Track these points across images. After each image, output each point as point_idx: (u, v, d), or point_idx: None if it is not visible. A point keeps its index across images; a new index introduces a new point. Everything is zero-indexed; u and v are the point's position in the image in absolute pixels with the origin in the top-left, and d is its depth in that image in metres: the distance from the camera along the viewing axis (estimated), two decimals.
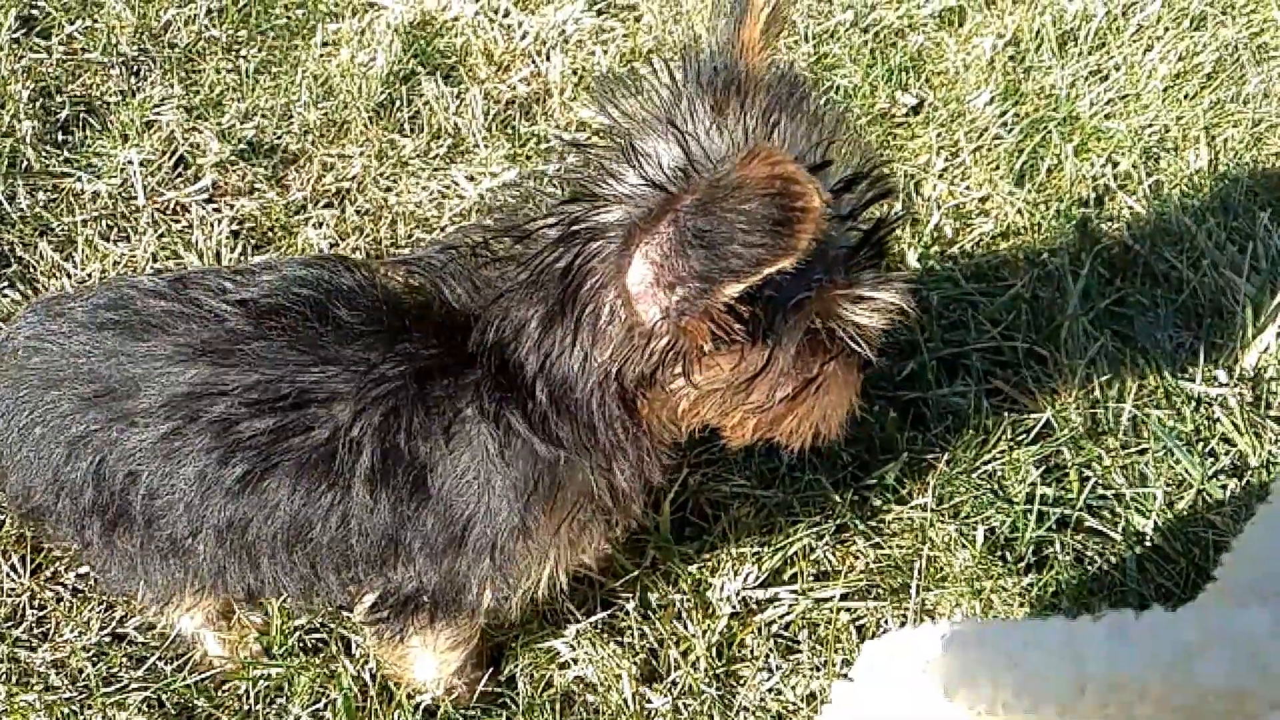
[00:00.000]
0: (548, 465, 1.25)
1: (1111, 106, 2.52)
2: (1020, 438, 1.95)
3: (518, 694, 1.63)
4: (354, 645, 1.69)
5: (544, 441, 1.22)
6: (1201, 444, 1.97)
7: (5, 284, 2.10)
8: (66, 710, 1.61)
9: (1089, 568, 1.81)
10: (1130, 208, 2.36)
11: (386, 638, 1.47)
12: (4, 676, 1.64)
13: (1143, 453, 1.94)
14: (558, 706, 1.63)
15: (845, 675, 1.10)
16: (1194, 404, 2.03)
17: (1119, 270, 2.28)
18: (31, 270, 2.13)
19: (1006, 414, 2.00)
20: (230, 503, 1.27)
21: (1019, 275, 2.23)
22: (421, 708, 1.60)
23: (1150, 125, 2.48)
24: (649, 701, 1.64)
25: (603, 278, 1.08)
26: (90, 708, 1.61)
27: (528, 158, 2.37)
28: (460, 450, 1.26)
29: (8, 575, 1.75)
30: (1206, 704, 0.93)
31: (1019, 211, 2.34)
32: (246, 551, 1.31)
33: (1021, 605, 1.74)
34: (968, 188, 2.40)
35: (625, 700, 1.63)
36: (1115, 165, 2.42)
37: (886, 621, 1.71)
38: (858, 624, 1.73)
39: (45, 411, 1.30)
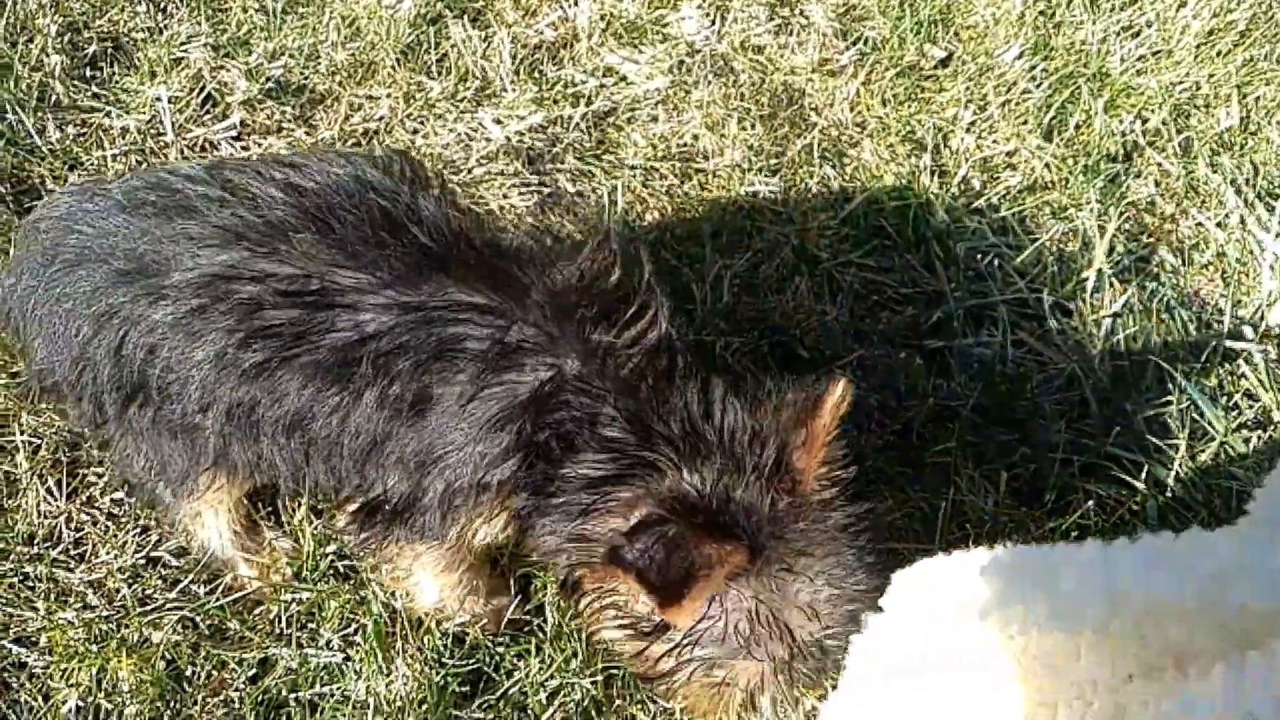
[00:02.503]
0: (523, 470, 1.33)
1: (1143, 63, 2.51)
2: (1045, 387, 1.96)
3: (545, 623, 1.65)
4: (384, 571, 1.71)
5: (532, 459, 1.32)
6: (1225, 398, 1.98)
7: None
8: (104, 629, 1.64)
9: (1111, 515, 1.83)
10: (1159, 165, 2.35)
11: (369, 550, 1.51)
12: (43, 595, 1.67)
13: (1166, 405, 1.95)
14: (584, 636, 1.66)
15: (877, 608, 1.12)
16: (1219, 359, 2.03)
17: (1146, 227, 2.28)
18: None
19: (1032, 365, 2.01)
20: (243, 385, 1.32)
21: (1045, 229, 2.23)
22: (450, 635, 1.63)
23: (1181, 82, 2.47)
24: None
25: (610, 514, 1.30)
26: (126, 626, 1.64)
27: (555, 102, 2.37)
28: (471, 410, 1.31)
29: (45, 498, 1.77)
30: (1241, 623, 0.95)
31: (1046, 166, 2.34)
32: (250, 430, 1.36)
33: None
34: (995, 141, 2.39)
35: None
36: (1145, 122, 2.41)
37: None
38: None
39: (75, 287, 1.33)
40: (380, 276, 1.31)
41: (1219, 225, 2.26)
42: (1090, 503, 1.79)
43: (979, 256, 2.17)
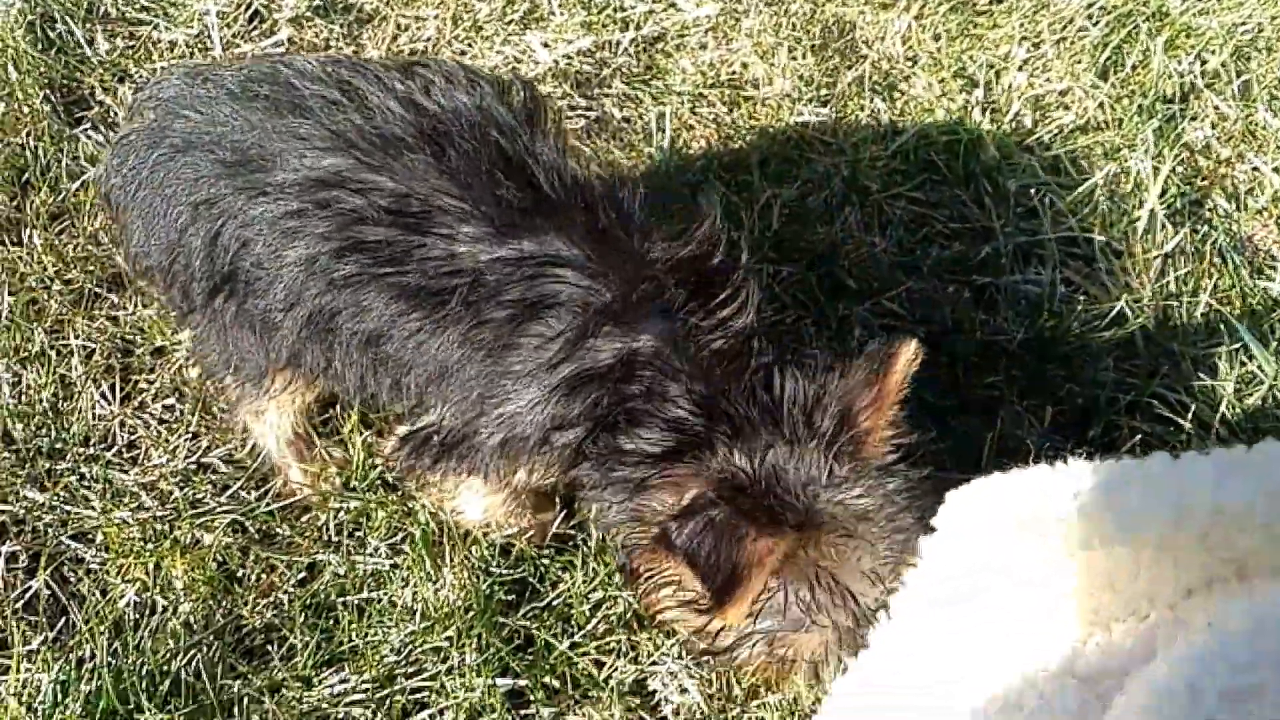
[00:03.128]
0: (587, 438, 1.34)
1: (1204, 2, 2.45)
2: (1094, 324, 1.95)
3: (589, 537, 1.67)
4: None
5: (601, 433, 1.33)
6: (1277, 343, 1.96)
7: (87, 126, 2.11)
8: (157, 529, 1.67)
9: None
10: (1216, 108, 2.31)
11: (415, 475, 1.53)
12: (99, 495, 1.70)
13: (1215, 347, 1.94)
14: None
15: (929, 528, 1.13)
16: (1271, 304, 2.01)
17: (1200, 170, 2.24)
18: (112, 114, 2.14)
19: (1079, 303, 2.00)
20: (328, 293, 1.32)
21: (1097, 169, 2.20)
22: (497, 546, 1.65)
23: (1243, 23, 2.41)
24: None
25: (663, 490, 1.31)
26: (179, 528, 1.67)
27: (603, 26, 2.34)
28: (548, 371, 1.31)
29: (98, 402, 1.80)
30: None
31: (1100, 106, 2.30)
32: (325, 338, 1.36)
33: None
34: (1049, 80, 2.35)
35: None
36: (1204, 63, 2.36)
37: None
38: None
39: (178, 173, 1.34)
40: (485, 214, 1.30)
41: (1276, 171, 2.22)
42: (1137, 439, 1.78)
43: (1029, 194, 2.15)
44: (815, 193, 2.09)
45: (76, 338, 1.84)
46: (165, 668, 1.52)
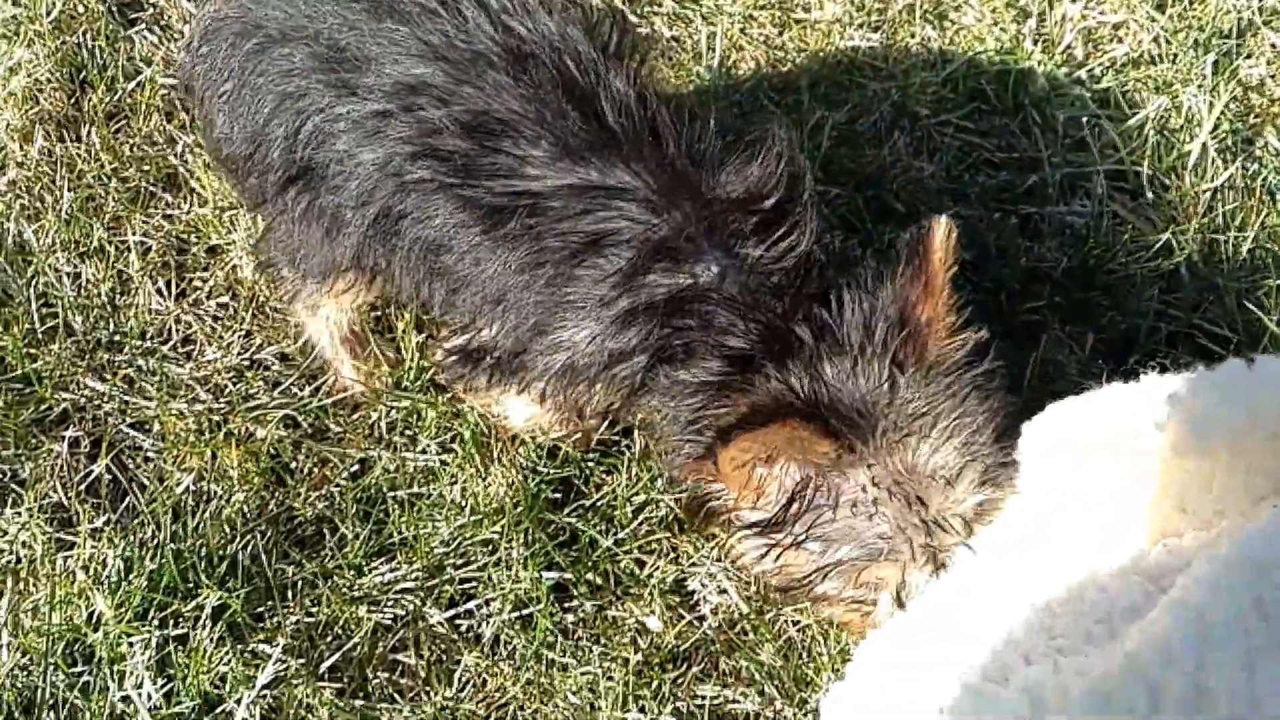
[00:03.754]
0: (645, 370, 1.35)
1: None
2: (1138, 255, 1.95)
3: (632, 443, 1.71)
4: None
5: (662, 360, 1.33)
6: None
7: (142, 27, 2.12)
8: (212, 420, 1.72)
9: None
10: (1273, 44, 2.28)
11: (462, 382, 1.55)
12: (155, 386, 1.74)
13: (1260, 283, 1.94)
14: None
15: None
16: None
17: (1253, 108, 2.22)
18: (166, 16, 2.15)
19: (1124, 235, 2.00)
20: (397, 195, 1.34)
21: (1149, 103, 2.18)
22: (544, 448, 1.69)
23: None
24: None
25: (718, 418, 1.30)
26: (233, 420, 1.72)
27: None
28: (607, 303, 1.32)
29: (154, 297, 1.83)
30: None
31: (1155, 40, 2.27)
32: (389, 241, 1.39)
33: None
34: (1103, 12, 2.32)
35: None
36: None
37: None
38: None
39: (270, 64, 1.36)
40: (555, 139, 1.31)
41: None
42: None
43: (1078, 126, 2.14)
44: (864, 116, 2.08)
45: (134, 234, 1.87)
46: (223, 551, 1.57)
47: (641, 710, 1.47)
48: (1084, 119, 2.16)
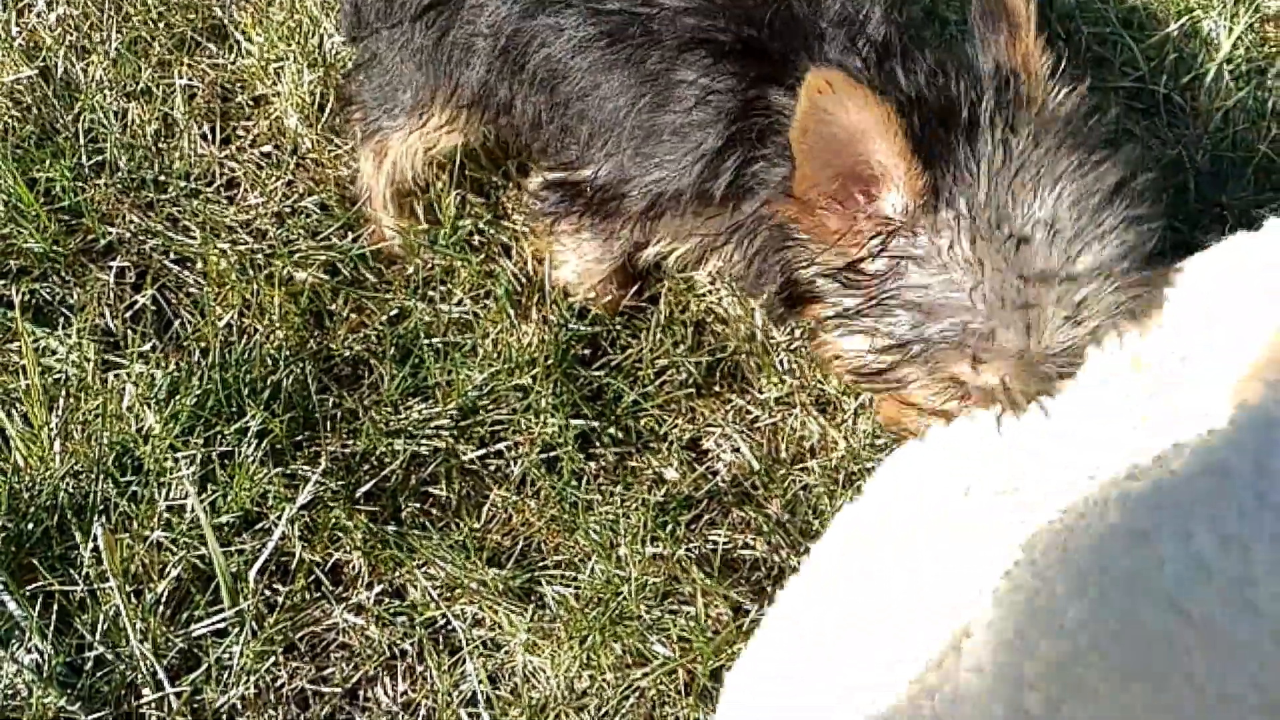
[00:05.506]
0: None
1: None
2: (1147, 171, 2.03)
3: (659, 310, 1.78)
4: (512, 251, 1.83)
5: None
6: None
7: None
8: (254, 260, 1.78)
9: None
10: None
11: (545, 222, 1.60)
12: (199, 226, 1.80)
13: (1262, 204, 2.03)
14: (689, 329, 1.79)
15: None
16: None
17: (1268, 39, 2.29)
18: None
19: (1137, 149, 2.07)
20: (525, 19, 1.39)
21: (1170, 22, 2.24)
22: (575, 308, 1.76)
23: None
24: (771, 336, 1.80)
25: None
26: (274, 262, 1.78)
27: None
28: (711, 124, 1.32)
29: (198, 142, 1.88)
30: None
31: None
32: (512, 68, 1.43)
33: None
34: None
35: (754, 331, 1.79)
36: None
37: None
38: None
39: None
40: None
41: None
42: None
43: (1101, 41, 2.20)
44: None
45: (180, 79, 1.90)
46: (265, 380, 1.65)
47: (657, 546, 1.57)
48: (1106, 36, 2.22)
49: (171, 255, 1.78)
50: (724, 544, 1.61)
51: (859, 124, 1.08)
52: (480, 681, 1.48)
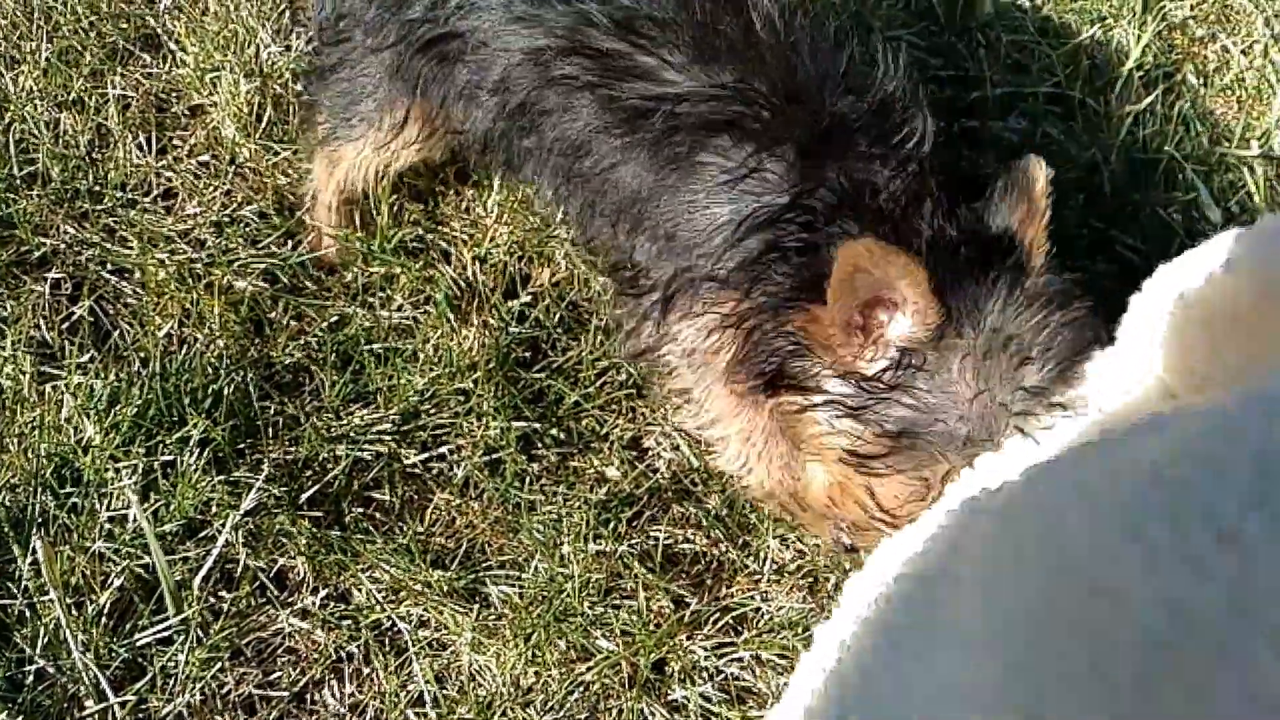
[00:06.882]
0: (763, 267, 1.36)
1: None
2: (1066, 168, 2.12)
3: (596, 310, 1.82)
4: (451, 256, 1.86)
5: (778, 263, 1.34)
6: (1224, 202, 2.16)
7: None
8: (192, 270, 1.78)
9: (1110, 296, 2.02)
10: None
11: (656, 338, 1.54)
12: (136, 236, 1.79)
13: (1171, 201, 2.13)
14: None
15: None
16: (1224, 168, 2.20)
17: (1175, 46, 2.40)
18: None
19: (1055, 147, 2.17)
20: (543, 88, 1.38)
21: (1083, 30, 2.35)
22: (514, 311, 1.79)
23: None
24: None
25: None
26: (213, 272, 1.78)
27: None
28: (737, 200, 1.35)
29: (134, 152, 1.87)
30: None
31: None
32: (526, 131, 1.42)
33: None
34: None
35: None
36: None
37: None
38: None
39: None
40: (694, 42, 1.34)
41: (1244, 52, 2.39)
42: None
43: (1019, 49, 2.29)
44: (827, 22, 2.20)
45: (113, 89, 1.90)
46: (208, 387, 1.65)
47: (600, 543, 1.61)
48: (1025, 43, 2.31)
49: (109, 266, 1.78)
50: (665, 539, 1.66)
51: (893, 275, 1.22)
52: (427, 681, 1.51)
